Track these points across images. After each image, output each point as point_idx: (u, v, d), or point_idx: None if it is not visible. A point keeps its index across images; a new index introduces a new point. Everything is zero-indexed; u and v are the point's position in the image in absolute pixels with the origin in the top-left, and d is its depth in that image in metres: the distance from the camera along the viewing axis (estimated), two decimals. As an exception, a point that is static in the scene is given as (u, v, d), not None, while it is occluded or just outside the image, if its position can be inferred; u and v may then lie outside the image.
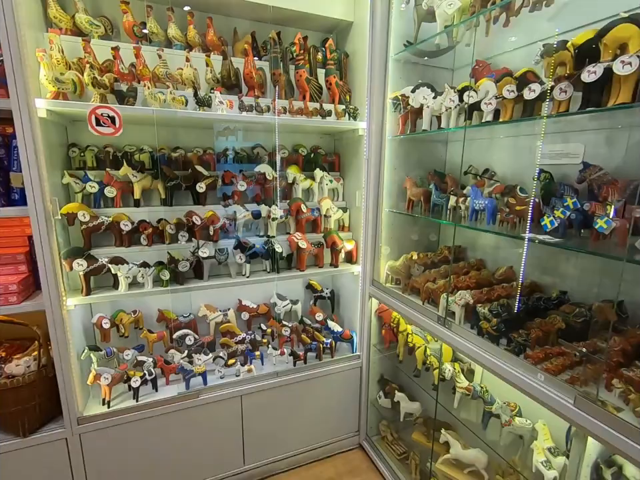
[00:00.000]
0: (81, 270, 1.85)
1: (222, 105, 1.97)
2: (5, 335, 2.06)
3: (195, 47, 2.17)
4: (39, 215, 1.67)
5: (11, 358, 1.93)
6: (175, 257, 2.06)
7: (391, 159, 2.30)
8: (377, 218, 2.35)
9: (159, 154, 2.23)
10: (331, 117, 2.29)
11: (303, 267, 2.40)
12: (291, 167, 2.45)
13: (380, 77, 2.18)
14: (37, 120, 1.63)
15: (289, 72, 2.28)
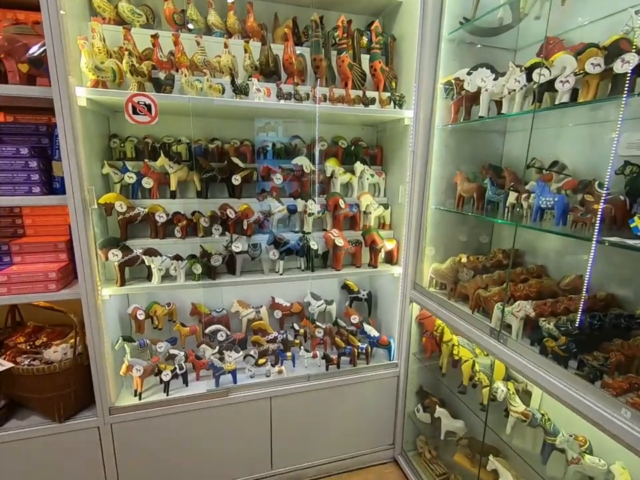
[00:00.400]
0: (116, 260, 1.84)
1: (259, 92, 1.88)
2: (48, 321, 2.12)
3: (234, 33, 2.09)
4: (77, 204, 1.67)
5: (50, 344, 1.97)
6: (208, 250, 2.01)
7: (440, 150, 2.09)
8: (421, 216, 2.15)
9: (195, 145, 2.19)
10: (374, 105, 2.11)
11: (339, 266, 2.25)
12: (329, 159, 2.31)
13: (431, 59, 1.98)
14: (77, 109, 1.63)
15: (330, 58, 2.14)
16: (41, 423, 1.84)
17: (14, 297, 1.73)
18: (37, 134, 1.78)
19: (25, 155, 1.64)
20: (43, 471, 1.85)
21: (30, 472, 1.83)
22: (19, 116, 1.84)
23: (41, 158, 1.70)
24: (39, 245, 1.86)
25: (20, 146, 1.64)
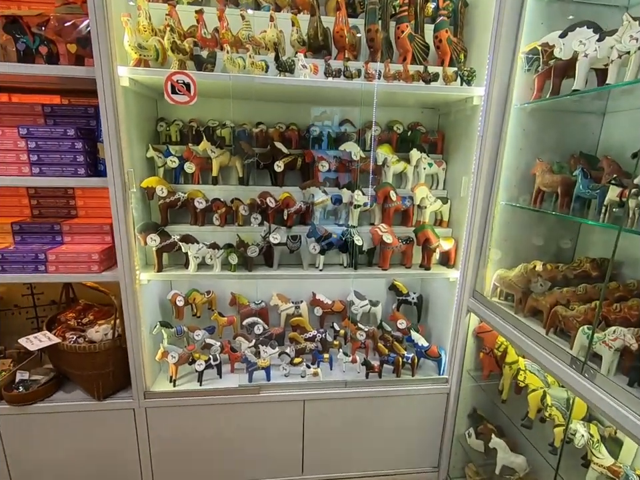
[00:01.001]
0: (154, 245, 1.81)
1: (305, 69, 1.70)
2: (97, 299, 2.19)
3: (283, 7, 1.94)
4: (117, 187, 1.65)
5: (96, 322, 2.03)
6: (245, 240, 1.90)
7: (516, 135, 1.74)
8: (487, 212, 1.82)
9: (239, 129, 2.09)
10: (437, 82, 1.82)
11: (385, 265, 2.02)
12: (382, 146, 2.07)
13: (511, 23, 1.63)
14: (119, 89, 1.59)
15: (388, 29, 1.88)
16: (83, 398, 1.90)
17: (60, 276, 1.78)
18: (86, 116, 1.80)
19: (72, 136, 1.66)
20: (81, 444, 1.92)
21: (69, 443, 1.91)
22: (73, 99, 1.87)
23: (87, 140, 1.70)
24: (87, 227, 1.90)
25: (68, 128, 1.65)
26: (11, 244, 1.85)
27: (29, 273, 1.76)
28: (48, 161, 1.65)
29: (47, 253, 1.75)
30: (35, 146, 1.64)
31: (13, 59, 1.60)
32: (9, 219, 1.94)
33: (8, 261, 1.74)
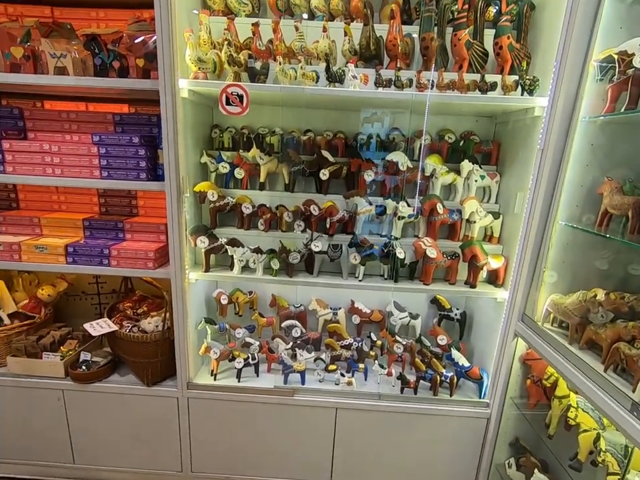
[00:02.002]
0: (203, 247, 1.91)
1: (355, 79, 1.70)
2: (151, 292, 2.36)
3: (337, 16, 1.94)
4: (173, 191, 1.77)
5: (149, 313, 2.20)
6: (287, 246, 1.94)
7: (582, 150, 1.59)
8: (544, 232, 1.69)
9: (288, 137, 2.14)
10: (494, 91, 1.72)
11: (427, 280, 1.96)
12: (431, 156, 2.00)
13: (584, 28, 1.49)
14: (179, 100, 1.70)
15: (444, 37, 1.81)
16: (134, 382, 2.07)
17: (120, 270, 1.95)
18: (149, 124, 1.94)
19: (136, 144, 1.80)
20: (130, 424, 2.09)
21: (120, 421, 2.09)
22: (139, 107, 2.03)
23: (150, 147, 1.84)
24: (145, 226, 2.06)
25: (133, 135, 1.80)
26: (82, 238, 2.06)
27: (94, 265, 1.95)
28: (115, 165, 1.81)
29: (111, 248, 1.93)
30: (105, 152, 1.80)
31: (90, 71, 1.77)
32: (81, 214, 2.16)
33: (78, 254, 1.94)
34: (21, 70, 1.74)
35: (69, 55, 1.72)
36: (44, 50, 1.72)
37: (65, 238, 2.04)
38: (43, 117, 1.96)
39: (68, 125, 1.96)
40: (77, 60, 1.75)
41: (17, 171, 1.84)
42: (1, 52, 1.72)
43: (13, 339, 2.10)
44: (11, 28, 1.73)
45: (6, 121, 1.95)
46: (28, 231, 2.08)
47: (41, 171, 1.84)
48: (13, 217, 2.07)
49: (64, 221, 2.08)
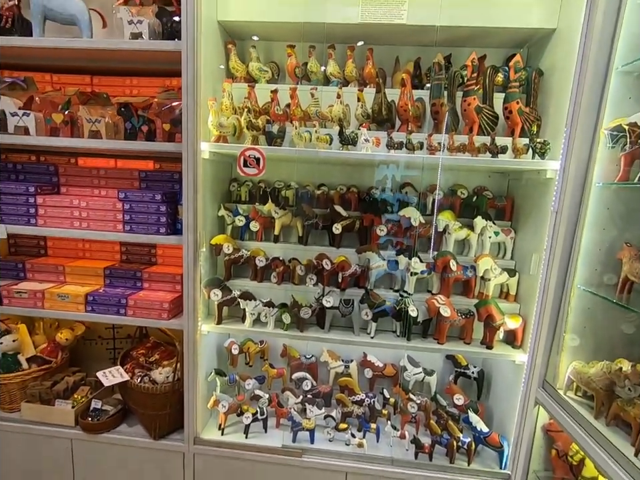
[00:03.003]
0: (216, 300, 1.94)
1: (367, 143, 1.76)
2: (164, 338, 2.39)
3: (351, 81, 2.05)
4: (189, 246, 1.84)
5: (161, 362, 2.21)
6: (299, 301, 1.95)
7: (598, 214, 1.57)
8: (562, 297, 1.64)
9: (302, 191, 2.21)
10: (505, 154, 1.75)
11: (442, 340, 1.91)
12: (443, 212, 2.02)
13: (593, 97, 1.52)
14: (200, 161, 1.80)
15: (454, 101, 1.88)
16: (142, 434, 2.05)
17: (136, 320, 2.00)
18: (172, 180, 2.05)
19: (158, 200, 1.90)
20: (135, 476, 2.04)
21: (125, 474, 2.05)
22: (164, 164, 2.16)
23: (170, 203, 1.94)
24: (162, 275, 2.12)
25: (156, 192, 1.91)
26: (102, 286, 2.13)
27: (112, 315, 2.01)
28: (137, 220, 1.91)
29: (128, 298, 1.98)
30: (129, 207, 1.90)
31: (121, 134, 1.91)
32: (104, 262, 2.25)
33: (97, 303, 2.00)
34: (59, 133, 1.90)
35: (103, 120, 1.87)
36: (81, 115, 1.88)
37: (87, 286, 2.12)
38: (75, 174, 2.11)
39: (97, 180, 2.10)
40: (109, 124, 1.90)
41: (47, 224, 1.96)
42: (44, 117, 1.89)
43: (28, 384, 2.14)
44: (54, 97, 1.91)
45: (42, 177, 2.10)
46: (53, 278, 2.18)
47: (69, 224, 1.95)
48: (40, 265, 2.18)
49: (87, 269, 2.17)
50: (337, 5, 1.85)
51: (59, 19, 1.84)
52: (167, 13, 1.81)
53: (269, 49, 2.20)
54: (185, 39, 1.68)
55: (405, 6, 1.82)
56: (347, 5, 1.86)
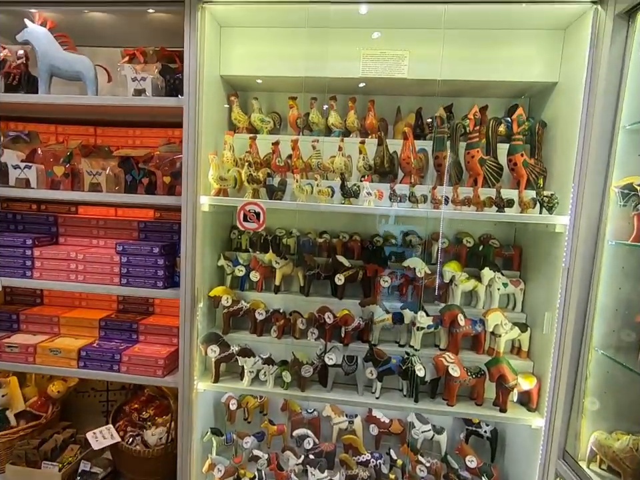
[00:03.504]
0: (213, 356, 1.86)
1: (370, 196, 1.73)
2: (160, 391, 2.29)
3: (353, 131, 2.05)
4: (187, 302, 1.78)
5: (155, 419, 2.10)
6: (300, 358, 1.86)
7: (613, 273, 1.50)
8: (579, 360, 1.55)
9: (304, 239, 2.16)
10: (511, 207, 1.71)
11: (452, 401, 1.80)
12: (449, 263, 1.95)
13: (600, 154, 1.49)
14: (199, 214, 1.78)
15: (457, 152, 1.86)
16: (131, 501, 1.91)
17: (129, 377, 1.91)
18: (171, 231, 2.02)
19: (156, 254, 1.86)
20: None
21: None
22: (164, 213, 2.13)
23: (169, 255, 1.90)
24: (159, 328, 2.05)
25: (154, 245, 1.87)
26: (96, 339, 2.06)
27: (104, 371, 1.92)
28: (134, 273, 1.86)
29: (122, 353, 1.91)
30: (126, 260, 1.86)
31: (121, 185, 1.90)
32: (100, 311, 2.20)
33: (90, 358, 1.93)
34: (60, 186, 1.89)
35: (104, 172, 1.87)
36: (82, 168, 1.88)
37: (81, 338, 2.06)
38: (74, 224, 2.09)
39: (97, 230, 2.08)
40: (110, 176, 1.89)
41: (43, 276, 1.92)
42: (45, 170, 1.89)
43: (15, 444, 2.03)
44: (56, 150, 1.92)
45: (41, 227, 2.08)
46: (47, 329, 2.11)
47: (65, 277, 1.91)
48: (34, 316, 2.13)
49: (82, 321, 2.11)
50: (337, 60, 1.87)
51: (65, 76, 1.87)
52: (170, 70, 1.84)
53: (271, 99, 2.22)
54: (187, 95, 1.69)
55: (405, 61, 1.84)
56: (348, 60, 1.87)
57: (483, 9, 1.62)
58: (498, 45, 1.81)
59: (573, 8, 1.58)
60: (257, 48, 1.94)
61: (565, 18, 1.67)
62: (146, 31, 2.00)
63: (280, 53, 1.91)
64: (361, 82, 1.95)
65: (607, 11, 1.45)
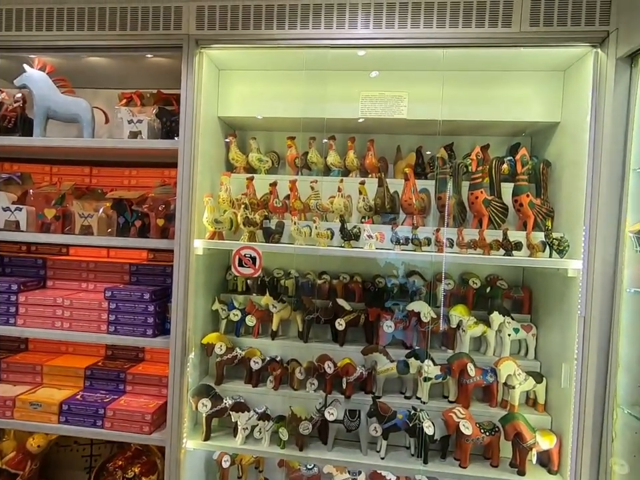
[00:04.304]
0: (204, 411, 1.72)
1: (371, 239, 1.66)
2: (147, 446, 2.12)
3: (352, 171, 2.01)
4: (177, 353, 1.66)
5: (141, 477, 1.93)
6: (298, 414, 1.72)
7: (635, 323, 1.40)
8: (603, 420, 1.41)
9: (303, 280, 2.07)
10: (520, 250, 1.63)
11: (465, 462, 1.64)
12: (456, 307, 1.85)
13: (611, 196, 1.43)
14: (193, 258, 1.70)
15: (460, 191, 1.80)
16: None
17: (113, 433, 1.76)
18: (164, 274, 1.94)
19: (147, 300, 1.77)
20: None
21: None
22: (157, 254, 2.06)
23: (160, 301, 1.81)
24: (148, 378, 1.92)
25: (144, 291, 1.78)
26: (80, 389, 1.93)
27: (87, 427, 1.78)
28: (123, 320, 1.76)
29: (107, 408, 1.77)
30: (115, 307, 1.77)
31: (113, 227, 1.84)
32: (86, 359, 2.07)
33: (72, 413, 1.79)
34: (50, 229, 1.83)
35: (96, 214, 1.81)
36: (74, 210, 1.82)
37: (64, 388, 1.93)
38: (64, 267, 2.01)
39: (86, 274, 2.00)
40: (102, 218, 1.83)
41: (27, 323, 1.82)
42: (36, 212, 1.84)
43: (-14, 510, 1.85)
44: (48, 192, 1.87)
45: (29, 270, 2.00)
46: (29, 379, 1.98)
47: (50, 324, 1.81)
48: (16, 364, 2.00)
49: (66, 370, 1.98)
50: (336, 102, 1.86)
51: (62, 118, 1.85)
52: (167, 112, 1.83)
53: (269, 138, 2.20)
54: (183, 137, 1.66)
55: (404, 102, 1.82)
56: (347, 102, 1.86)
57: (481, 52, 1.61)
58: (497, 86, 1.81)
59: (571, 51, 1.58)
60: (255, 89, 1.94)
61: (564, 60, 1.67)
62: (146, 73, 2.01)
63: (278, 94, 1.91)
64: (360, 120, 1.92)
65: (607, 55, 1.44)
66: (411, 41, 1.55)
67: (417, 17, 1.53)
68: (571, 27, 1.46)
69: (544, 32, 1.48)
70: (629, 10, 1.37)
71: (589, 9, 1.44)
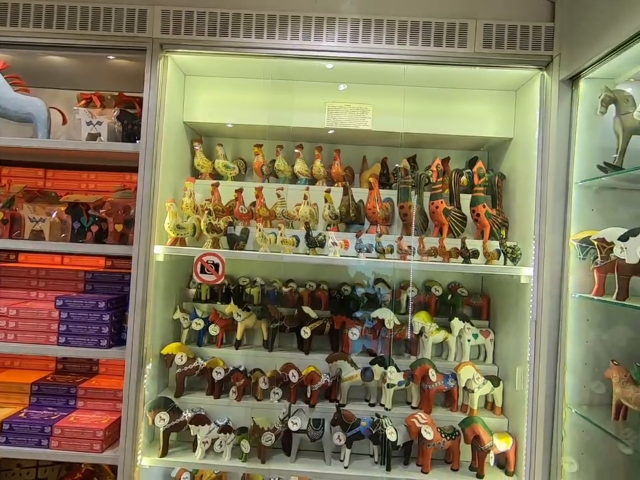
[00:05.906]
0: (162, 426, 1.64)
1: (335, 246, 1.67)
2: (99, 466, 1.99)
3: (319, 179, 2.03)
4: (133, 362, 1.59)
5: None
6: (260, 424, 1.67)
7: (579, 326, 1.49)
8: (553, 420, 1.48)
9: (269, 288, 2.05)
10: (477, 258, 1.70)
11: (426, 467, 1.65)
12: (418, 313, 1.90)
13: (556, 208, 1.53)
14: (152, 265, 1.65)
15: (422, 202, 1.86)
16: None
17: (61, 453, 1.65)
18: (122, 282, 1.85)
19: (101, 308, 1.68)
20: None
21: None
22: (116, 261, 1.97)
23: (116, 310, 1.73)
24: (102, 392, 1.82)
25: (99, 299, 1.69)
26: (25, 406, 1.79)
27: (31, 447, 1.65)
28: (75, 331, 1.67)
29: (54, 426, 1.65)
30: (66, 316, 1.67)
31: (68, 232, 1.75)
32: (34, 373, 1.93)
33: (14, 432, 1.66)
34: (-3, 233, 1.71)
35: (48, 219, 1.72)
36: (24, 214, 1.72)
37: (7, 407, 1.79)
38: (11, 274, 1.88)
39: (36, 281, 1.87)
40: (55, 223, 1.74)
41: (-34, 336, 1.68)
42: (-19, 216, 1.72)
43: None
44: (-4, 194, 1.76)
45: (-30, 279, 1.86)
46: (-34, 397, 1.82)
47: (-7, 336, 1.68)
48: (-48, 381, 1.83)
49: (10, 385, 1.84)
50: (302, 111, 1.89)
51: (15, 117, 1.75)
52: (129, 115, 1.78)
53: (236, 145, 2.19)
54: (144, 141, 1.62)
55: (369, 114, 1.88)
56: (313, 112, 1.89)
57: (440, 69, 1.69)
58: (456, 102, 1.90)
59: (521, 73, 1.69)
60: (221, 96, 1.93)
61: (515, 80, 1.79)
62: (109, 75, 1.96)
63: (245, 102, 1.91)
64: (328, 130, 1.96)
65: (552, 77, 1.56)
66: (374, 56, 1.61)
67: (379, 33, 1.59)
68: (520, 50, 1.57)
69: (496, 53, 1.59)
70: (569, 37, 1.49)
71: (535, 34, 1.56)
